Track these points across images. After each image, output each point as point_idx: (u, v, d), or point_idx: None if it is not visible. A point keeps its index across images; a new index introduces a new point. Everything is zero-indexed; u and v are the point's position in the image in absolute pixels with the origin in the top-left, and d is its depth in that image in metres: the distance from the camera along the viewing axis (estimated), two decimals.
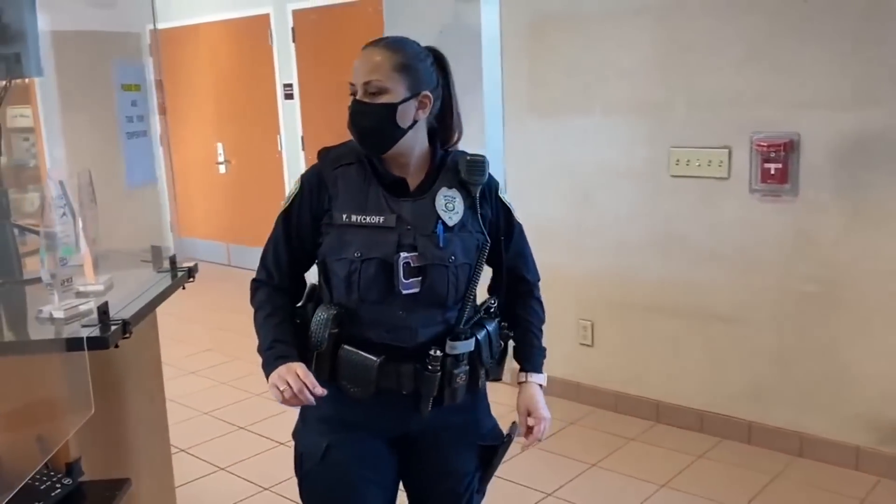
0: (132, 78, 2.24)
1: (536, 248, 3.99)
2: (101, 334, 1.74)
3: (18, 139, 3.05)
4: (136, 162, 2.20)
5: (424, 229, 1.72)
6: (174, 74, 7.53)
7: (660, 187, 3.59)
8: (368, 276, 1.69)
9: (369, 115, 1.71)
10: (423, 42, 4.68)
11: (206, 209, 7.49)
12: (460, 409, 1.82)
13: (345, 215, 1.71)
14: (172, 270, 2.33)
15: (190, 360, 4.95)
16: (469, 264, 1.77)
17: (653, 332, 3.73)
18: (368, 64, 1.72)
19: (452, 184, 1.78)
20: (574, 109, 3.83)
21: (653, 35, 3.53)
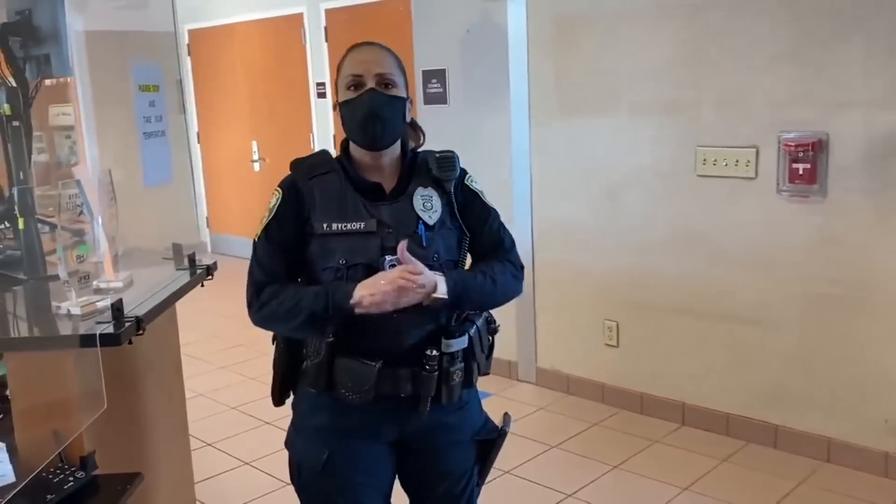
0: (150, 79, 2.27)
1: (562, 247, 4.01)
2: (114, 331, 1.76)
3: (61, 137, 3.12)
4: (153, 161, 2.23)
5: (406, 231, 1.73)
6: (209, 74, 7.63)
7: (686, 187, 3.55)
8: (355, 282, 1.67)
9: (389, 106, 1.73)
10: (451, 41, 4.72)
11: (240, 206, 7.57)
12: (456, 407, 1.83)
13: (325, 224, 1.71)
14: (191, 268, 2.36)
15: (221, 355, 5.03)
16: (453, 261, 1.79)
17: (678, 333, 3.69)
18: (378, 57, 1.75)
19: (427, 183, 1.80)
20: (600, 109, 3.79)
21: (680, 33, 3.48)
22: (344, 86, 1.76)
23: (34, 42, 2.67)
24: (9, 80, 2.58)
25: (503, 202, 4.17)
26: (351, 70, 1.74)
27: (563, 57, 3.90)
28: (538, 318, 4.22)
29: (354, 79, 1.73)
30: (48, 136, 3.20)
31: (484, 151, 4.27)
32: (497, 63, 4.12)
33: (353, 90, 1.73)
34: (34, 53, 2.68)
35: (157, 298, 2.04)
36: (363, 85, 1.73)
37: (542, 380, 4.25)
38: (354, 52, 1.77)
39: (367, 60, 1.74)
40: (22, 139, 2.42)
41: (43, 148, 3.26)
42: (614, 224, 3.82)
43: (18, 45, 2.66)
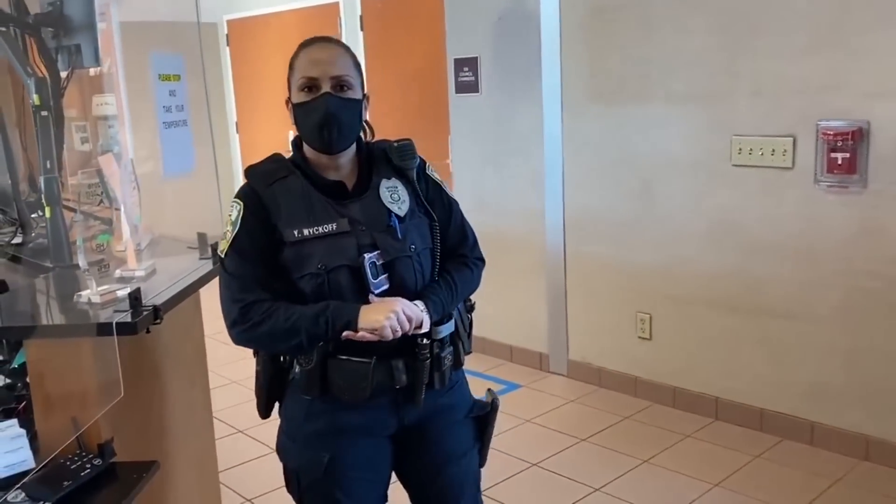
0: (170, 68, 2.27)
1: (594, 238, 3.96)
2: (131, 320, 1.77)
3: (104, 126, 3.17)
4: (173, 151, 2.23)
5: (379, 225, 1.70)
6: (247, 64, 7.68)
7: (721, 177, 3.46)
8: (338, 286, 1.65)
9: (346, 110, 1.68)
10: (483, 29, 4.68)
11: None
12: (447, 390, 1.81)
13: (295, 231, 1.65)
14: (213, 257, 2.36)
15: None
16: (428, 248, 1.77)
17: (712, 327, 3.61)
18: (334, 58, 1.70)
19: (389, 174, 1.77)
20: (634, 97, 3.72)
21: (716, 20, 3.38)
22: (297, 87, 1.70)
23: (65, 32, 2.70)
24: (39, 70, 2.62)
25: (534, 192, 4.19)
26: (306, 71, 1.68)
27: (596, 44, 3.83)
28: (570, 309, 4.16)
29: (309, 81, 1.68)
30: (92, 125, 3.25)
31: (515, 141, 4.22)
32: (529, 51, 4.07)
33: (308, 92, 1.68)
34: (65, 44, 2.71)
35: (177, 287, 2.05)
36: (318, 88, 1.67)
37: (573, 372, 4.20)
38: (308, 51, 1.71)
39: (321, 61, 1.68)
40: (50, 129, 2.45)
41: (87, 137, 3.31)
42: (648, 215, 3.75)
43: (50, 36, 2.70)
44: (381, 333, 1.60)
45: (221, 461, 2.88)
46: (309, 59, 1.70)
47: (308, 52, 1.71)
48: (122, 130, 2.97)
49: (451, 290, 1.77)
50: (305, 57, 1.71)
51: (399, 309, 1.62)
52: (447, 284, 1.77)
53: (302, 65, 1.71)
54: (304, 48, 1.72)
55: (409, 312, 1.64)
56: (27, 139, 2.87)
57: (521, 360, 4.40)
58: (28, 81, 2.46)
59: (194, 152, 2.35)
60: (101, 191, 1.88)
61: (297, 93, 1.71)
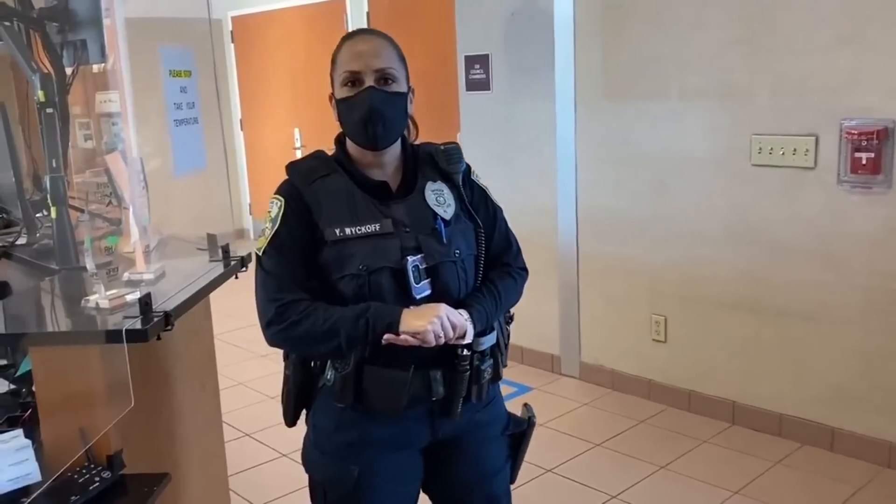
0: (181, 64, 2.19)
1: (608, 238, 3.88)
2: (141, 326, 1.70)
3: (107, 124, 3.10)
4: (184, 150, 2.16)
5: (423, 228, 1.65)
6: (252, 60, 7.61)
7: (740, 177, 3.38)
8: (379, 288, 1.59)
9: (390, 104, 1.63)
10: (495, 26, 4.60)
11: None
12: (485, 404, 1.76)
13: (337, 230, 1.60)
14: (225, 259, 2.29)
15: (261, 343, 4.93)
16: (473, 255, 1.72)
17: (729, 329, 3.54)
18: (377, 50, 1.64)
19: (435, 177, 1.72)
20: (650, 94, 3.64)
21: (734, 14, 3.30)
22: (340, 81, 1.64)
23: (71, 27, 2.63)
24: (44, 66, 2.55)
25: (547, 190, 4.11)
26: (348, 65, 1.62)
27: (610, 40, 3.75)
28: (582, 310, 4.09)
29: (352, 75, 1.62)
30: (95, 122, 3.18)
31: (527, 138, 4.15)
32: (542, 48, 3.99)
33: (351, 87, 1.63)
34: (71, 39, 2.64)
35: (188, 292, 1.98)
36: (361, 82, 1.62)
37: (585, 375, 4.13)
38: (350, 44, 1.65)
39: (364, 53, 1.62)
40: (56, 126, 2.38)
41: (90, 135, 3.24)
42: (664, 214, 3.68)
43: (56, 31, 2.62)
44: (423, 338, 1.54)
45: (229, 466, 2.81)
46: (351, 52, 1.64)
47: (350, 44, 1.65)
48: (125, 128, 2.90)
49: (495, 301, 1.70)
50: (348, 50, 1.65)
51: (443, 314, 1.56)
52: (491, 294, 1.71)
53: (344, 58, 1.64)
54: (346, 41, 1.67)
55: (453, 319, 1.58)
56: (31, 136, 2.80)
57: (532, 361, 4.32)
58: (32, 77, 2.39)
59: (205, 150, 2.27)
60: (109, 191, 1.81)
61: (340, 88, 1.65)
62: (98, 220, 2.36)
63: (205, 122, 2.56)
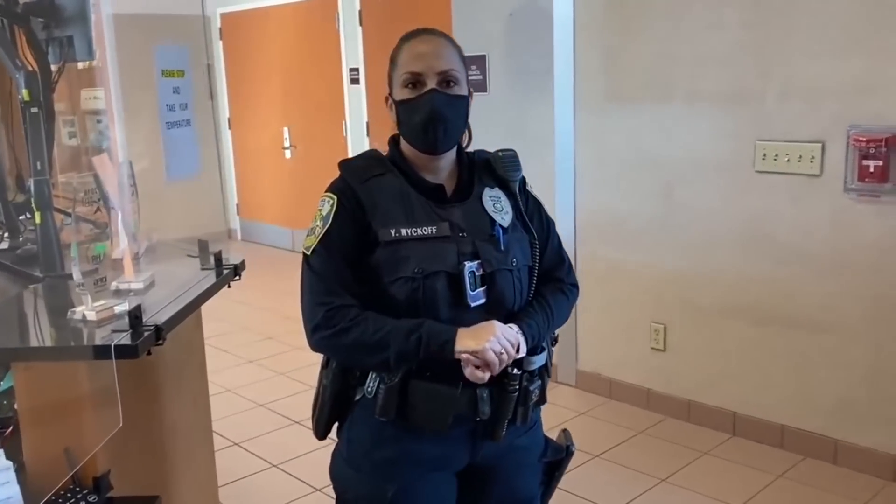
0: (174, 63, 2.10)
1: (606, 243, 3.81)
2: (131, 342, 1.61)
3: (92, 121, 3.00)
4: (176, 153, 2.06)
5: (481, 234, 1.60)
6: (241, 58, 7.50)
7: (744, 183, 3.32)
8: (434, 293, 1.53)
9: (452, 107, 1.58)
10: (493, 26, 4.50)
11: (271, 194, 7.45)
12: (527, 428, 1.69)
13: (392, 230, 1.55)
14: (217, 268, 2.20)
15: (250, 348, 4.89)
16: (528, 266, 1.66)
17: (731, 338, 3.47)
18: (440, 51, 1.58)
19: (492, 183, 1.68)
20: (653, 96, 3.57)
21: (742, 16, 3.24)
22: (400, 83, 1.58)
23: (57, 23, 2.54)
24: (29, 63, 2.45)
25: (545, 193, 3.95)
26: (409, 66, 1.57)
27: (612, 41, 3.68)
28: (579, 317, 4.02)
29: (413, 76, 1.56)
30: (80, 120, 3.08)
31: (526, 141, 4.07)
32: (541, 48, 3.92)
33: (412, 88, 1.57)
34: (57, 35, 2.55)
35: (180, 303, 1.88)
36: (423, 84, 1.56)
37: (582, 383, 4.06)
38: (412, 44, 1.59)
39: (427, 55, 1.57)
40: (41, 127, 2.28)
41: (74, 132, 3.14)
42: (664, 219, 3.61)
43: (41, 27, 2.52)
44: (483, 357, 1.48)
45: (219, 476, 2.72)
46: (413, 52, 1.57)
47: (411, 45, 1.59)
48: (111, 126, 2.81)
49: (547, 318, 1.64)
50: (408, 51, 1.58)
51: (498, 332, 1.51)
52: (543, 310, 1.64)
53: (405, 59, 1.58)
54: (407, 41, 1.60)
55: (507, 336, 1.52)
56: (14, 136, 2.70)
57: None
58: (17, 75, 2.28)
59: (199, 153, 2.18)
60: (97, 197, 1.72)
61: (401, 89, 1.59)
62: (84, 224, 2.27)
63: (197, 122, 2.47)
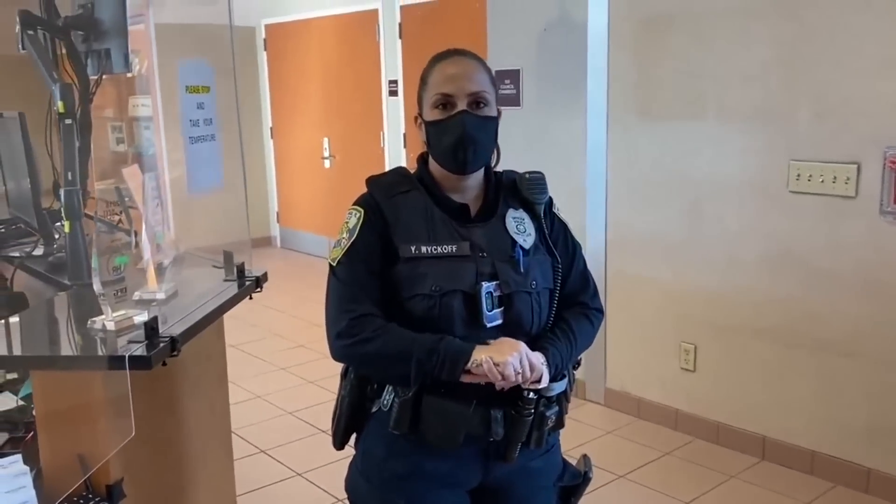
0: (198, 79, 2.14)
1: (637, 260, 3.78)
2: (146, 353, 1.64)
3: (140, 128, 3.08)
4: (199, 168, 2.10)
5: (501, 255, 1.61)
6: (284, 69, 7.61)
7: (777, 203, 3.26)
8: (450, 311, 1.54)
9: (483, 129, 1.60)
10: (527, 40, 4.49)
11: (310, 202, 7.53)
12: (543, 451, 1.69)
13: (412, 247, 1.57)
14: (239, 279, 2.23)
15: (282, 355, 4.94)
16: (549, 289, 1.66)
17: (762, 360, 3.41)
18: (471, 73, 1.60)
19: (517, 205, 1.69)
20: (685, 113, 3.54)
21: (776, 33, 3.19)
22: (431, 103, 1.60)
23: (96, 36, 2.60)
24: (68, 75, 2.52)
25: (576, 208, 4.02)
26: (441, 88, 1.59)
27: (646, 57, 3.65)
28: (609, 334, 3.99)
29: (444, 97, 1.58)
30: (127, 126, 3.16)
31: (557, 156, 4.06)
32: (574, 63, 3.90)
33: (442, 109, 1.59)
34: (95, 48, 2.61)
35: (198, 314, 1.91)
36: (453, 105, 1.58)
37: (610, 401, 4.02)
38: (443, 66, 1.61)
39: (458, 76, 1.59)
40: (74, 138, 2.34)
41: (122, 138, 3.22)
42: (696, 238, 3.56)
43: (80, 40, 2.60)
44: (502, 370, 1.48)
45: (241, 484, 2.75)
46: (444, 74, 1.60)
47: (442, 66, 1.62)
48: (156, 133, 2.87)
49: (570, 344, 1.64)
50: (440, 72, 1.61)
51: (524, 350, 1.51)
52: (566, 336, 1.64)
53: (436, 80, 1.61)
54: (438, 62, 1.63)
55: (532, 359, 1.52)
56: (53, 145, 2.78)
57: None
58: (53, 87, 2.35)
59: (222, 167, 2.21)
60: (119, 210, 1.76)
61: (431, 110, 1.61)
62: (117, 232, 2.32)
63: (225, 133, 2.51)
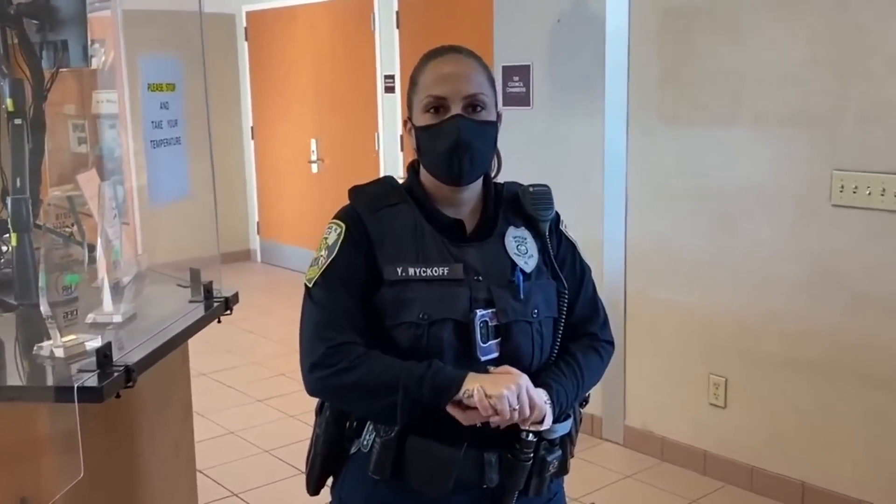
0: (163, 75, 2.15)
1: (661, 280, 3.78)
2: (97, 383, 1.64)
3: (104, 126, 3.09)
4: (160, 175, 2.11)
5: (499, 279, 1.60)
6: (267, 61, 7.64)
7: (818, 218, 3.26)
8: (439, 343, 1.54)
9: (480, 135, 1.60)
10: (539, 33, 4.52)
11: (295, 211, 7.54)
12: (544, 500, 1.68)
13: (399, 268, 1.56)
14: (206, 300, 2.24)
15: (260, 385, 4.94)
16: (552, 317, 1.65)
17: (801, 395, 3.40)
18: (467, 73, 1.61)
19: (518, 222, 1.68)
20: (715, 117, 3.55)
21: (818, 29, 3.20)
22: (422, 107, 1.60)
23: (51, 26, 2.62)
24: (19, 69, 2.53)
25: (592, 222, 4.03)
26: (433, 89, 1.59)
27: (671, 53, 3.67)
28: (628, 365, 3.98)
29: (436, 100, 1.59)
30: (91, 124, 3.16)
31: (571, 162, 4.07)
32: (591, 59, 3.92)
33: (434, 113, 1.59)
34: (51, 39, 2.63)
35: (159, 339, 1.92)
36: (447, 108, 1.58)
37: (630, 441, 4.02)
38: (436, 64, 1.62)
39: (452, 76, 1.59)
40: (24, 140, 2.35)
41: (84, 138, 3.23)
42: (728, 256, 3.57)
43: (35, 30, 2.61)
44: (497, 404, 1.45)
45: None
46: (437, 74, 1.60)
47: (435, 65, 1.62)
48: (123, 132, 2.87)
49: (576, 382, 1.63)
50: (433, 71, 1.61)
51: (524, 384, 1.49)
52: (572, 372, 1.64)
53: (428, 81, 1.60)
54: (430, 60, 1.63)
55: (532, 395, 1.50)
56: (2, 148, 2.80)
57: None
58: (1, 83, 2.37)
59: (188, 175, 2.22)
60: (71, 222, 1.77)
61: (422, 114, 1.61)
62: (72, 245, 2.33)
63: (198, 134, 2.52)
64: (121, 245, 2.07)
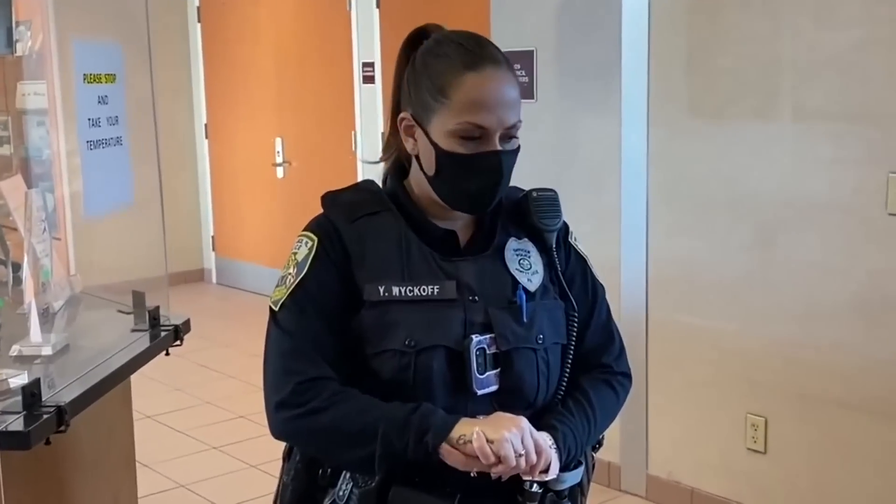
0: (101, 65, 2.16)
1: (688, 304, 3.81)
2: (23, 427, 1.65)
3: (32, 123, 3.10)
4: (100, 180, 2.12)
5: (498, 299, 1.63)
6: (224, 47, 7.68)
7: (873, 230, 3.31)
8: (428, 374, 1.56)
9: (512, 166, 1.64)
10: (543, 13, 4.55)
11: (257, 224, 7.57)
12: None
13: (381, 287, 1.58)
14: (153, 329, 2.26)
15: (216, 429, 4.94)
16: (560, 344, 1.69)
17: (854, 439, 3.43)
18: (511, 98, 1.62)
19: (520, 233, 1.70)
20: (751, 112, 3.59)
21: (872, 9, 3.25)
22: (452, 129, 1.58)
23: None
24: None
25: (608, 236, 4.07)
26: (474, 117, 1.57)
27: (700, 37, 3.72)
28: (651, 403, 4.02)
29: (476, 129, 1.58)
30: (15, 121, 3.17)
31: (582, 165, 4.11)
32: (606, 44, 3.97)
33: (467, 141, 1.58)
34: None
35: (96, 375, 1.95)
36: (487, 140, 1.58)
37: (654, 492, 4.04)
38: (475, 80, 1.58)
39: (497, 104, 1.58)
40: None
41: (7, 137, 3.23)
42: (766, 277, 3.61)
43: None
44: (499, 449, 1.47)
45: None
46: (478, 95, 1.57)
47: (475, 82, 1.58)
48: (53, 131, 2.88)
49: (587, 422, 1.65)
50: (473, 90, 1.58)
51: (526, 427, 1.51)
52: (582, 412, 1.66)
53: (466, 101, 1.57)
54: (468, 71, 1.58)
55: (538, 440, 1.52)
56: None
57: None
58: None
59: (132, 180, 2.24)
60: None
61: (450, 137, 1.59)
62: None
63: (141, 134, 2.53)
64: (51, 264, 2.08)
